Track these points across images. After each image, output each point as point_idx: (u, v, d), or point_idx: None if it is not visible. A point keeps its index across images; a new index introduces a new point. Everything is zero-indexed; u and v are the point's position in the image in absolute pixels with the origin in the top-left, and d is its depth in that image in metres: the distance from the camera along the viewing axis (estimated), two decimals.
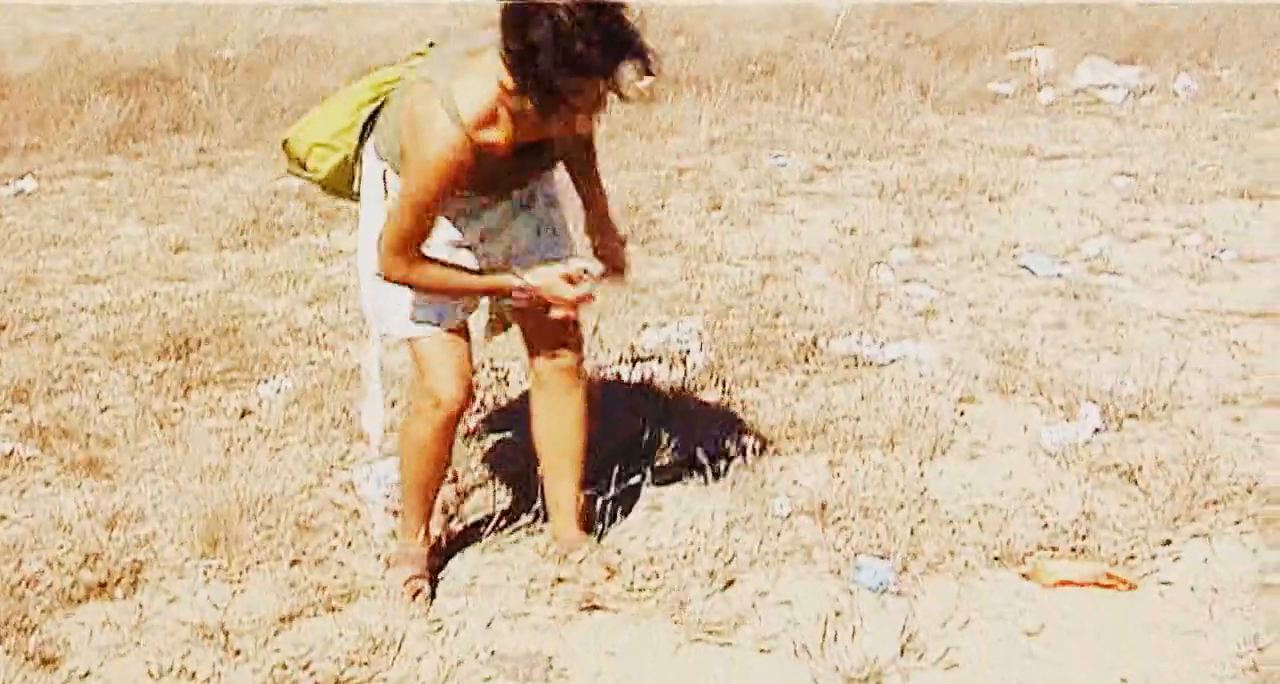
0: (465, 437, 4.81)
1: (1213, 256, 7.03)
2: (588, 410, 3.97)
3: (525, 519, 4.22)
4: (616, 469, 4.28)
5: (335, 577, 4.02)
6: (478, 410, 5.03)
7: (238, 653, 3.65)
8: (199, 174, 9.51)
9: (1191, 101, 11.27)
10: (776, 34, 14.57)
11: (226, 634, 3.73)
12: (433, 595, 3.93)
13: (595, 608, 3.79)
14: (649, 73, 3.28)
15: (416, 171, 3.39)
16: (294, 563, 4.07)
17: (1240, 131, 10.09)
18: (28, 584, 4.01)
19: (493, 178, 3.57)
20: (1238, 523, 4.15)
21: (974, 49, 13.36)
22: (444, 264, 3.58)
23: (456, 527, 4.29)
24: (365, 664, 3.58)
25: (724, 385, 5.26)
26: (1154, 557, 3.97)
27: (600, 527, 4.18)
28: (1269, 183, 8.49)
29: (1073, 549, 4.01)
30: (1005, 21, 14.95)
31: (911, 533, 4.07)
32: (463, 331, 3.78)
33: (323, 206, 7.96)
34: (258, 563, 4.09)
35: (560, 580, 3.89)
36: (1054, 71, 12.25)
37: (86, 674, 3.62)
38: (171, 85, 12.05)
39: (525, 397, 4.16)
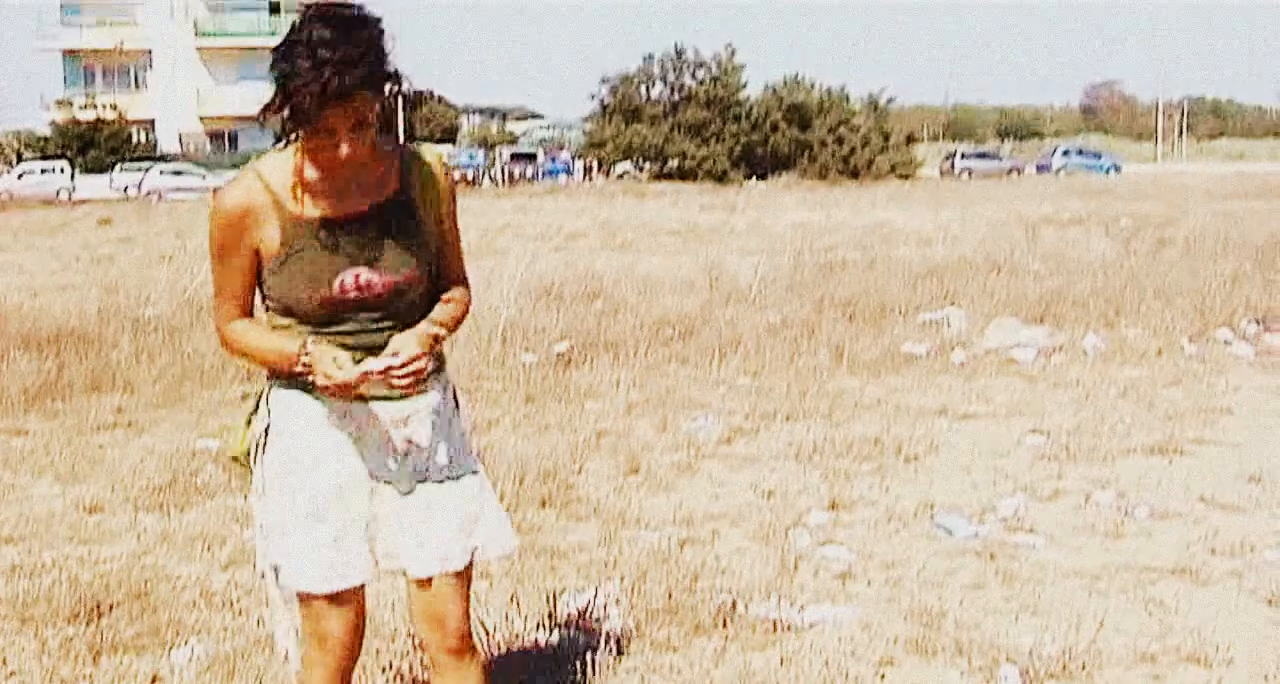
0: None
1: (1126, 514, 7.10)
2: None
3: None
4: None
5: None
6: (396, 679, 4.96)
7: None
8: (117, 434, 9.46)
9: (1100, 360, 11.52)
10: (693, 298, 14.85)
11: None
12: None
13: None
14: (383, 94, 3.40)
15: (210, 216, 3.49)
16: None
17: (1148, 388, 10.32)
18: None
19: (328, 267, 3.47)
20: None
21: (886, 311, 13.65)
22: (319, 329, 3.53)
23: None
24: None
25: (643, 651, 5.22)
26: None
27: None
28: (1178, 439, 8.65)
29: None
30: (916, 284, 15.34)
31: None
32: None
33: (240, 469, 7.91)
34: None
35: None
36: (965, 332, 12.51)
37: None
38: (91, 344, 12.08)
39: None
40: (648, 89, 71.27)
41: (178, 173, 64.24)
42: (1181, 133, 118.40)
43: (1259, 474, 7.85)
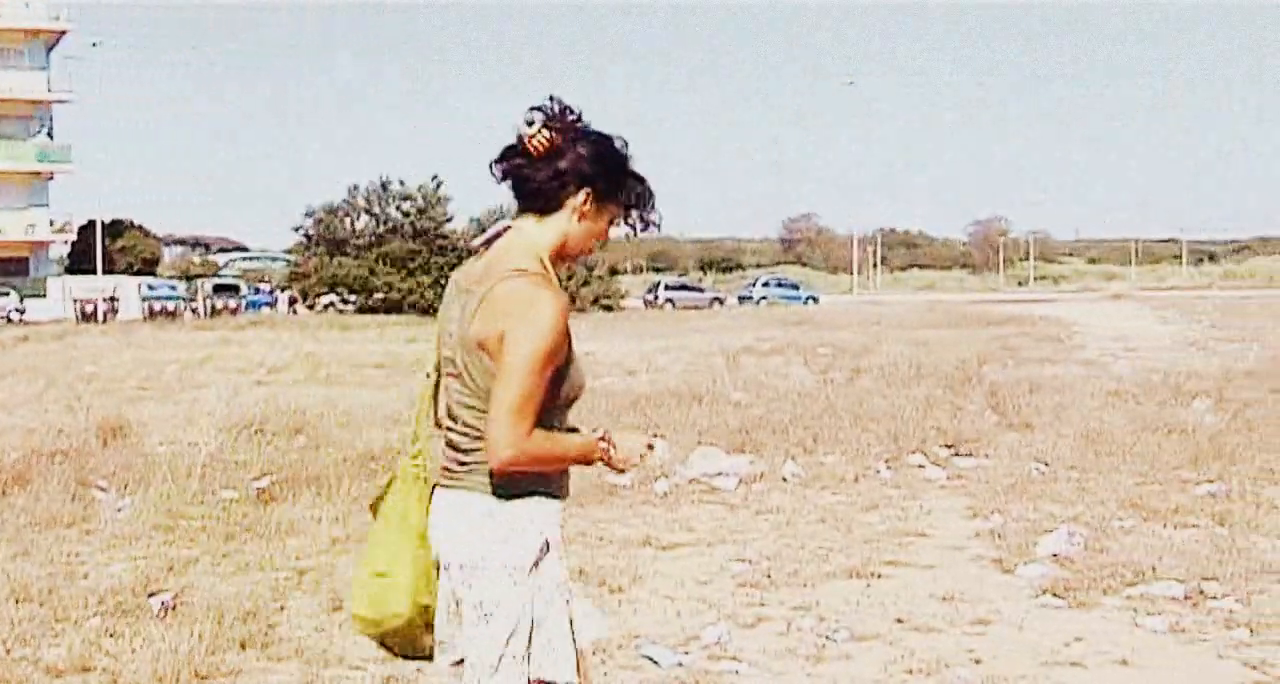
0: None
1: (827, 637, 7.23)
2: None
3: None
4: None
5: None
6: None
7: None
8: None
9: (799, 486, 11.76)
10: (397, 431, 14.69)
11: None
12: None
13: None
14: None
15: (553, 318, 3.58)
16: None
17: (846, 513, 10.57)
18: None
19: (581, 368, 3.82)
20: None
21: None
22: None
23: None
24: None
25: None
26: None
27: None
28: (875, 562, 8.87)
29: None
30: (619, 415, 15.47)
31: None
32: None
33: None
34: None
35: None
36: (668, 461, 12.64)
37: None
38: None
39: None
40: (352, 221, 70.96)
41: None
42: (876, 264, 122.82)
43: (951, 594, 8.10)
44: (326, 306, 67.68)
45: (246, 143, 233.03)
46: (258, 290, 74.97)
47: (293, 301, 71.68)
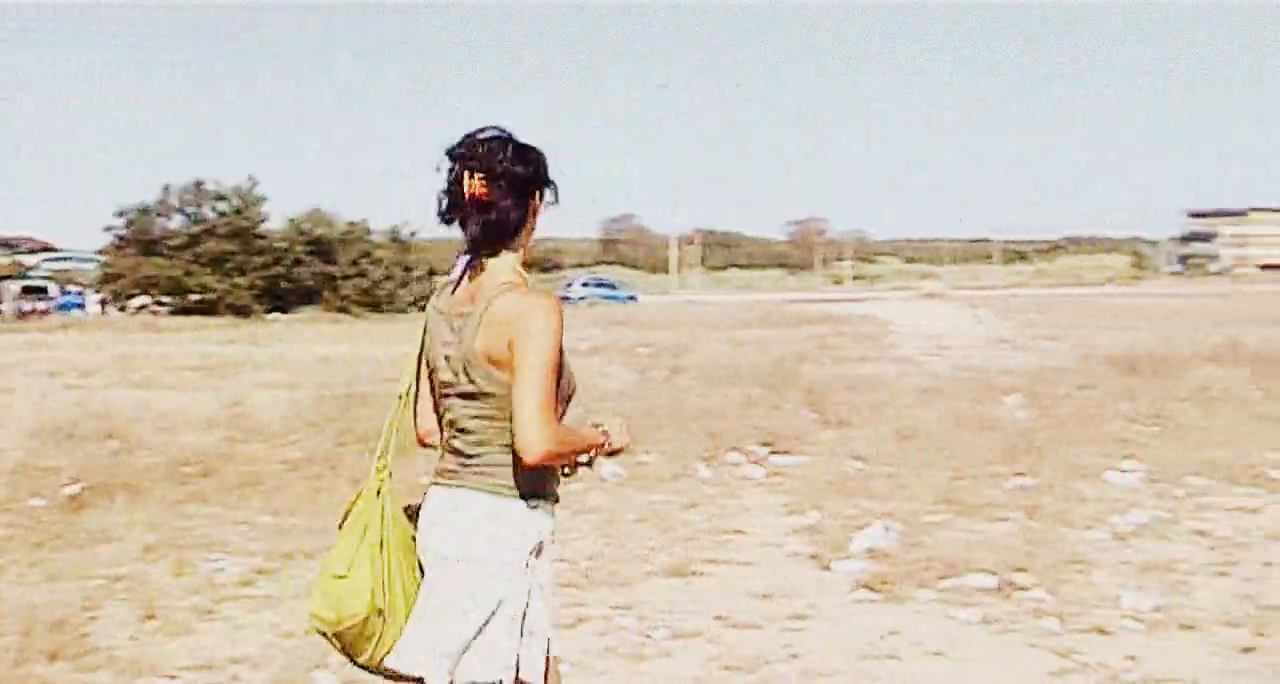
0: None
1: (647, 636, 7.25)
2: None
3: None
4: None
5: None
6: None
7: None
8: None
9: (618, 486, 11.77)
10: (213, 435, 14.47)
11: None
12: None
13: None
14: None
15: (557, 318, 3.75)
16: None
17: (665, 512, 10.61)
18: None
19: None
20: None
21: (409, 444, 13.59)
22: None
23: None
24: None
25: None
26: None
27: None
28: (695, 560, 8.91)
29: None
30: None
31: None
32: None
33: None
34: None
35: None
36: None
37: None
38: None
39: None
40: (166, 221, 69.54)
41: None
42: (695, 264, 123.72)
43: (770, 591, 8.17)
44: (140, 308, 66.24)
45: (53, 139, 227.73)
46: (65, 292, 73.19)
47: (104, 303, 70.07)
